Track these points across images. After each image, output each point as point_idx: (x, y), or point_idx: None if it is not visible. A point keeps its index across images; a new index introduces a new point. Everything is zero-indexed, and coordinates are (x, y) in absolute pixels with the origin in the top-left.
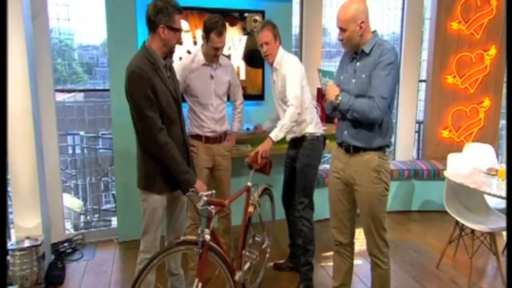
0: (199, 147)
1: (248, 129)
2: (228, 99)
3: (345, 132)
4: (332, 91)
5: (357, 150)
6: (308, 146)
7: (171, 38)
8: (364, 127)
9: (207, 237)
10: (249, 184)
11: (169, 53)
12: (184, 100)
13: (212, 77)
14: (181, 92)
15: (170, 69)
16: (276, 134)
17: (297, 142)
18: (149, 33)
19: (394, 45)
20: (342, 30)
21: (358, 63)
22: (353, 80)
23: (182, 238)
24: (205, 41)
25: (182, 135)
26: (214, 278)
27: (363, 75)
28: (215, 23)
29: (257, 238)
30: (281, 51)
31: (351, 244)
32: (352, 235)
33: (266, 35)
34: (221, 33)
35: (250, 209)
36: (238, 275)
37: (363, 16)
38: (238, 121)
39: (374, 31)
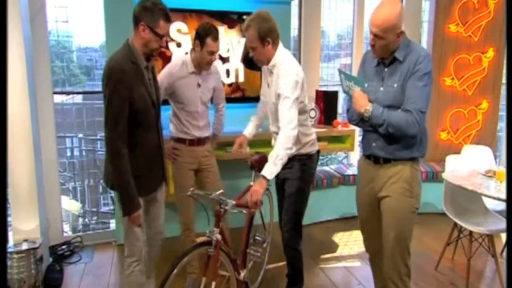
0: (183, 150)
1: None
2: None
3: (374, 144)
4: (361, 102)
5: (387, 160)
6: (301, 167)
7: (151, 40)
8: (396, 139)
9: (218, 236)
10: (251, 184)
11: (150, 56)
12: (165, 104)
13: (199, 85)
14: (166, 97)
15: (153, 71)
16: (270, 171)
17: (288, 161)
18: (133, 29)
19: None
20: (378, 37)
21: (387, 69)
22: (381, 88)
23: (198, 240)
24: (198, 48)
25: (158, 141)
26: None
27: (395, 85)
28: (209, 28)
29: (258, 238)
30: (279, 53)
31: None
32: (380, 246)
33: (250, 38)
34: (216, 38)
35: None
36: (242, 274)
37: (401, 24)
38: (220, 124)
39: (403, 32)
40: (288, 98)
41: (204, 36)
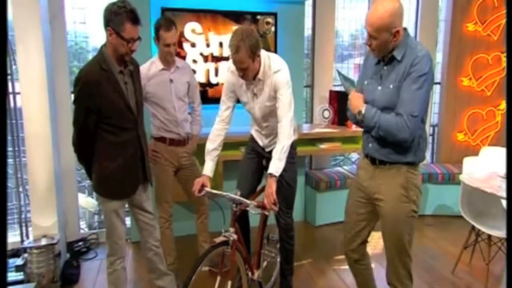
0: (162, 151)
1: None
2: None
3: (370, 145)
4: (355, 103)
5: (383, 162)
6: (291, 154)
7: (119, 45)
8: (390, 142)
9: (235, 236)
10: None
11: (122, 61)
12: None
13: (171, 80)
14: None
15: (131, 75)
16: (277, 168)
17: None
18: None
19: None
20: (372, 37)
21: (385, 68)
22: (379, 88)
23: (216, 240)
24: (157, 42)
25: (138, 143)
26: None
27: (391, 85)
28: (160, 20)
29: (272, 237)
30: (263, 58)
31: (363, 257)
32: (362, 254)
33: (242, 60)
34: (169, 29)
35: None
36: (256, 274)
37: (398, 23)
38: (197, 124)
39: (405, 29)
40: (289, 88)
41: (157, 30)
